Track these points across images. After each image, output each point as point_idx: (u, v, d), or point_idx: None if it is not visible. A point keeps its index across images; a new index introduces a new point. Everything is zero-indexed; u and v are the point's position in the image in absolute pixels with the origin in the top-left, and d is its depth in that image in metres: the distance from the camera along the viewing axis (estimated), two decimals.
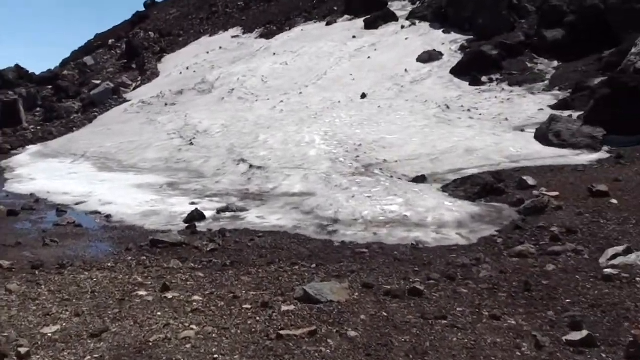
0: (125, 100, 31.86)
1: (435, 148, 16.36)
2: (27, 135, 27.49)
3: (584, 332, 6.12)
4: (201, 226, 11.93)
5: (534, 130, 16.99)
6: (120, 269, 9.01)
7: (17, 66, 40.86)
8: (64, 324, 6.70)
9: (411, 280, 8.21)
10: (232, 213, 12.74)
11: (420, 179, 14.18)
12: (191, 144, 20.06)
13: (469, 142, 16.41)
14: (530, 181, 12.84)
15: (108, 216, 13.26)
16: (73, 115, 31.05)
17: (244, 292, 7.73)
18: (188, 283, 8.22)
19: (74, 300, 7.45)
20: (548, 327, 6.50)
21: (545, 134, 16.17)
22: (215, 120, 22.51)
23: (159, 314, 6.97)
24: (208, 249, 10.14)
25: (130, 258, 9.74)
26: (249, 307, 7.11)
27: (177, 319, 6.80)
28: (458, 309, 7.04)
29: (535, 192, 12.22)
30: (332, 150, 16.72)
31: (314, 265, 9.05)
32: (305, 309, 7.04)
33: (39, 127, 29.47)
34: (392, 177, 14.41)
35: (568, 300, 7.15)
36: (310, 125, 19.62)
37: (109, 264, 9.31)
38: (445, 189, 13.25)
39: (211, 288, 7.95)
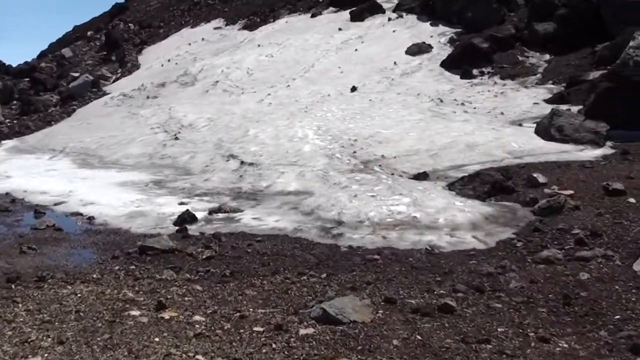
0: (105, 93, 30.74)
1: (433, 143, 15.64)
2: (2, 129, 26.32)
3: None
4: (193, 229, 10.93)
5: (533, 125, 16.46)
6: (107, 282, 7.97)
7: None
8: (46, 355, 5.68)
9: (435, 292, 7.40)
10: (226, 214, 11.79)
11: (422, 176, 13.42)
12: (176, 138, 19.05)
13: (469, 137, 15.70)
14: (541, 179, 12.14)
15: (90, 218, 12.16)
16: (51, 109, 29.93)
17: (251, 309, 6.79)
18: (186, 299, 7.22)
19: (57, 323, 6.37)
20: (606, 351, 5.73)
21: (547, 129, 15.54)
22: (200, 114, 21.52)
23: (156, 339, 5.97)
24: (204, 257, 9.16)
25: (117, 268, 8.69)
26: (261, 329, 6.15)
27: (178, 346, 5.81)
28: (499, 329, 6.23)
29: (547, 191, 11.58)
30: (327, 145, 15.84)
31: (324, 275, 8.15)
32: (326, 332, 6.13)
33: (15, 121, 28.34)
34: (392, 174, 13.61)
35: (617, 317, 6.41)
36: (301, 119, 18.73)
37: (95, 276, 8.26)
38: (451, 187, 12.46)
39: (213, 305, 6.97)
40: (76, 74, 34.62)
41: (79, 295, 7.33)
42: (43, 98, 31.34)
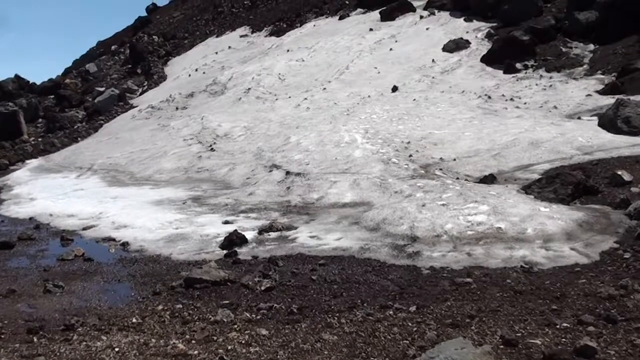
0: (132, 107, 29.86)
1: (494, 142, 14.42)
2: (26, 148, 25.20)
3: None
4: (243, 253, 9.48)
5: (592, 117, 15.52)
6: (150, 328, 6.47)
7: (16, 76, 38.92)
8: None
9: (558, 326, 5.93)
10: (278, 233, 10.34)
11: (489, 179, 12.14)
12: (212, 149, 17.71)
13: (531, 134, 14.45)
14: (626, 176, 10.84)
15: (124, 244, 10.67)
16: (77, 125, 29.05)
17: None
18: (252, 350, 5.67)
19: None
20: None
21: (613, 121, 14.36)
22: (235, 123, 20.26)
23: None
24: (262, 288, 7.64)
25: (161, 307, 7.16)
26: None
27: None
28: None
29: (635, 190, 10.30)
30: (379, 149, 14.44)
31: (412, 308, 6.64)
32: None
33: (40, 139, 27.33)
34: (457, 178, 12.22)
35: None
36: (345, 122, 17.40)
37: (134, 320, 6.73)
38: (528, 190, 11.02)
39: (286, 358, 5.49)
40: (101, 89, 33.90)
41: (116, 349, 5.80)
42: (69, 114, 30.59)
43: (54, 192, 16.28)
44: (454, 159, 13.70)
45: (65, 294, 8.00)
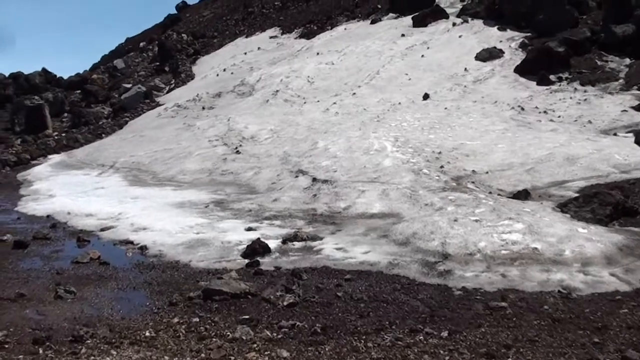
0: (159, 104, 29.61)
1: (528, 156, 13.95)
2: (49, 142, 24.91)
3: None
4: (266, 263, 9.06)
5: (628, 134, 15.11)
6: (163, 343, 6.04)
7: (44, 70, 38.86)
8: None
9: None
10: (303, 242, 9.89)
11: (522, 195, 11.63)
12: (237, 152, 17.35)
13: (566, 149, 14.00)
14: None
15: (142, 248, 10.25)
16: (102, 121, 28.82)
17: None
18: None
19: None
20: None
21: None
22: (262, 125, 19.91)
23: None
24: (285, 303, 7.21)
25: (176, 320, 6.73)
26: None
27: None
28: None
29: None
30: (409, 159, 14.01)
31: (444, 334, 6.18)
32: None
33: (63, 134, 27.07)
34: (490, 192, 11.75)
35: None
36: (375, 129, 16.98)
37: (147, 333, 6.30)
38: (564, 208, 10.51)
39: None
40: (128, 85, 33.76)
41: None
42: (94, 110, 30.38)
43: (74, 190, 15.98)
44: (487, 172, 13.28)
45: (76, 301, 7.58)
